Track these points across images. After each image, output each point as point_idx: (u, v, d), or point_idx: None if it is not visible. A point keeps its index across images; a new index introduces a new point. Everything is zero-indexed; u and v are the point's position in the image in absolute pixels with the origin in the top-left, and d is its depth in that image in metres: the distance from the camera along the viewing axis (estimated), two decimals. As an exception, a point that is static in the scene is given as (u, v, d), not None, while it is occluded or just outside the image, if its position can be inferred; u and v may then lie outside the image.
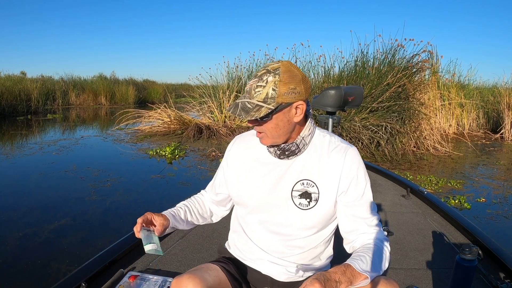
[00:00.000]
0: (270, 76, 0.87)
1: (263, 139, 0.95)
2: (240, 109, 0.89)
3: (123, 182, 4.30)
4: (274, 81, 0.87)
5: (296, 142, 0.97)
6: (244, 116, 0.88)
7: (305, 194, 0.97)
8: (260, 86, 0.88)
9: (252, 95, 0.89)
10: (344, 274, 0.80)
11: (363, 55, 7.00)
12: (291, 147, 0.97)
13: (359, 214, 0.97)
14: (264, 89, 0.87)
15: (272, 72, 0.87)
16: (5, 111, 11.16)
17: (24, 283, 2.14)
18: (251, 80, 0.90)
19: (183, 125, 8.01)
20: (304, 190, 0.97)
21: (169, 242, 1.76)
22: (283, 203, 0.99)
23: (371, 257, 0.87)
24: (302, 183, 0.97)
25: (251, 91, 0.89)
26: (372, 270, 0.84)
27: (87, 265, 1.39)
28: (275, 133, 0.93)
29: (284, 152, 0.97)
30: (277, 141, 0.95)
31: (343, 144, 1.00)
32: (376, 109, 6.12)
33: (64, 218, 3.09)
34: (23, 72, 16.35)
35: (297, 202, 0.97)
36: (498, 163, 5.95)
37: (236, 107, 0.91)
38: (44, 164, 5.08)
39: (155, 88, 19.79)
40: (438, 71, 8.42)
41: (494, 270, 1.56)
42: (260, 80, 0.88)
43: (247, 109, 0.89)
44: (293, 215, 0.98)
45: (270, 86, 0.87)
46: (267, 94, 0.87)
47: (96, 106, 15.61)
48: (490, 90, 10.48)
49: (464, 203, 3.65)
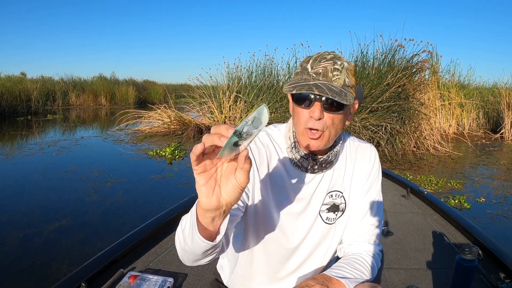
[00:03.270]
0: (344, 62, 0.75)
1: (319, 140, 0.77)
2: (328, 91, 0.70)
3: (123, 182, 4.30)
4: (348, 68, 0.75)
5: (335, 151, 0.84)
6: (338, 98, 0.70)
7: (333, 207, 0.87)
8: (337, 70, 0.73)
9: (330, 78, 0.73)
10: (314, 279, 0.75)
11: (363, 55, 7.02)
12: (330, 157, 0.83)
13: (357, 225, 0.90)
14: (341, 74, 0.74)
15: (340, 58, 0.75)
16: (5, 111, 11.16)
17: (24, 283, 2.14)
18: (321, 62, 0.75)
19: (183, 125, 8.01)
20: (332, 202, 0.87)
21: (169, 242, 1.76)
22: (312, 221, 0.87)
23: (352, 267, 0.82)
24: (330, 195, 0.87)
25: (327, 73, 0.73)
26: (349, 277, 0.78)
27: (87, 265, 1.39)
28: (334, 132, 0.78)
29: (322, 164, 0.83)
30: (328, 145, 0.80)
31: (362, 143, 0.91)
32: (376, 109, 6.12)
33: (64, 219, 3.09)
34: (23, 72, 16.35)
35: (325, 217, 0.87)
36: (498, 163, 5.95)
37: (319, 87, 0.71)
38: (44, 165, 5.08)
39: (155, 88, 19.80)
40: (438, 71, 8.43)
41: (494, 270, 1.56)
42: (336, 64, 0.74)
43: (337, 92, 0.71)
44: (320, 231, 0.88)
45: (344, 73, 0.74)
46: (344, 81, 0.74)
47: (96, 107, 15.60)
48: (490, 90, 10.49)
49: (464, 203, 3.65)
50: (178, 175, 4.73)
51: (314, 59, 0.76)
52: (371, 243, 0.90)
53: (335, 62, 0.74)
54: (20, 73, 16.11)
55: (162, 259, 1.61)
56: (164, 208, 1.99)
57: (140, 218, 3.10)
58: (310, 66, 0.75)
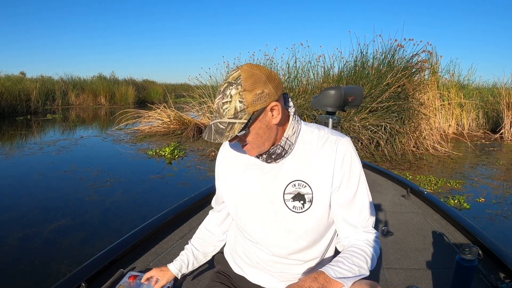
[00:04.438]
0: (232, 89, 0.81)
1: (249, 151, 0.90)
2: (214, 133, 0.83)
3: (123, 182, 4.29)
4: (237, 92, 0.81)
5: (281, 144, 0.90)
6: (219, 139, 0.82)
7: (298, 196, 0.91)
8: (226, 103, 0.82)
9: (222, 113, 0.83)
10: (315, 280, 0.78)
11: (362, 55, 7.01)
12: (276, 150, 0.91)
13: (349, 219, 0.91)
14: (231, 104, 0.81)
15: (234, 83, 0.81)
16: (5, 111, 11.15)
17: (24, 283, 2.14)
18: (217, 98, 0.85)
19: (183, 125, 8.01)
20: (297, 191, 0.91)
21: (169, 242, 1.76)
22: (277, 209, 0.93)
23: (350, 263, 0.84)
24: (293, 185, 0.91)
25: (219, 109, 0.84)
26: (348, 276, 0.80)
27: (87, 265, 1.39)
28: (259, 142, 0.87)
29: (271, 156, 0.92)
30: (264, 149, 0.89)
31: (333, 136, 0.92)
32: (376, 109, 6.12)
33: (63, 218, 3.09)
34: (23, 72, 16.34)
35: (291, 205, 0.91)
36: (497, 163, 5.96)
37: (210, 131, 0.84)
38: (43, 164, 5.08)
39: (154, 88, 19.80)
40: (437, 71, 8.43)
41: (494, 270, 1.56)
42: (225, 96, 0.82)
43: (221, 130, 0.83)
44: (289, 220, 0.92)
45: (235, 99, 0.81)
46: (235, 108, 0.81)
47: (96, 106, 15.60)
48: (490, 90, 10.49)
49: (464, 203, 3.65)
50: (178, 175, 4.73)
51: (217, 92, 0.85)
52: (367, 231, 0.92)
53: (224, 95, 0.82)
54: (20, 72, 16.12)
55: (162, 259, 1.61)
56: (163, 208, 1.98)
57: (140, 218, 3.10)
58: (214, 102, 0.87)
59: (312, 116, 6.23)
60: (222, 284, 1.05)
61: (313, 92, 6.96)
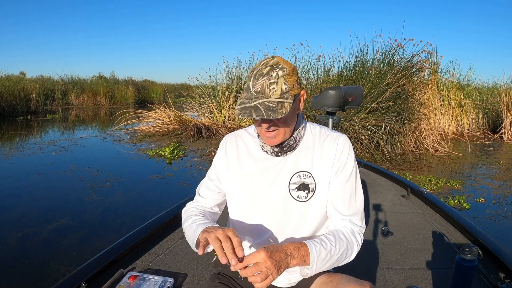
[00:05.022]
0: (279, 71, 0.85)
1: (276, 137, 0.92)
2: (264, 110, 0.84)
3: (123, 182, 4.29)
4: (283, 75, 0.85)
5: (294, 136, 0.97)
6: (274, 115, 0.83)
7: (302, 186, 0.96)
8: (273, 83, 0.85)
9: (268, 94, 0.85)
10: (298, 250, 0.80)
11: (362, 55, 7.01)
12: (289, 142, 0.96)
13: (336, 205, 0.96)
14: (277, 85, 0.85)
15: (276, 67, 0.86)
16: (5, 111, 11.14)
17: (24, 283, 2.13)
18: (258, 80, 0.86)
19: (183, 125, 8.01)
20: (301, 182, 0.96)
21: (169, 242, 1.76)
22: (282, 199, 0.97)
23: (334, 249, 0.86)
24: (298, 175, 0.97)
25: (264, 90, 0.85)
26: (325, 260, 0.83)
27: (87, 265, 1.39)
28: (288, 128, 0.92)
29: (283, 148, 0.96)
30: (286, 137, 0.94)
31: (334, 133, 1.01)
32: (376, 109, 6.12)
33: (63, 218, 3.09)
34: (23, 72, 16.33)
35: (295, 195, 0.96)
36: (497, 163, 5.96)
37: (257, 109, 0.84)
38: (43, 164, 5.08)
39: (154, 88, 19.78)
40: (437, 71, 8.42)
41: (494, 270, 1.56)
42: (271, 77, 0.85)
43: (272, 108, 0.84)
44: (293, 209, 0.96)
45: (281, 81, 0.85)
46: (281, 89, 0.85)
47: (96, 106, 15.59)
48: (490, 90, 10.49)
49: (464, 203, 3.65)
50: (178, 175, 4.73)
51: (254, 76, 0.86)
52: (352, 222, 0.95)
53: (270, 76, 0.85)
54: (20, 72, 16.11)
55: (162, 259, 1.61)
56: (163, 208, 1.99)
57: (140, 218, 3.10)
58: (251, 85, 0.87)
59: (312, 116, 6.23)
60: (222, 285, 1.04)
61: (313, 92, 6.96)
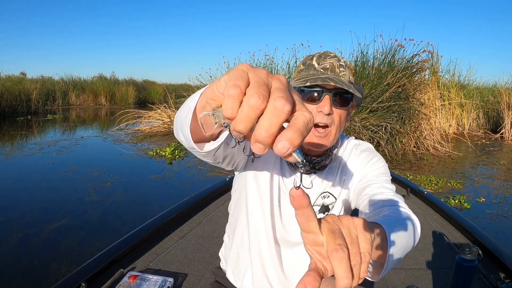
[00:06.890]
0: (347, 62, 0.77)
1: (327, 137, 0.76)
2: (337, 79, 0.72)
3: (123, 182, 4.29)
4: (349, 67, 0.78)
5: (331, 155, 0.83)
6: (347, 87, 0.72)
7: (323, 208, 0.86)
8: (342, 67, 0.76)
9: (338, 74, 0.75)
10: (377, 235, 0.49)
11: (363, 55, 7.01)
12: (325, 160, 0.81)
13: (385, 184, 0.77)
14: (346, 71, 0.76)
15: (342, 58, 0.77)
16: (5, 111, 11.15)
17: (24, 283, 2.13)
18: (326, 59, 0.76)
19: (183, 125, 8.00)
20: (322, 203, 0.86)
21: (169, 242, 1.76)
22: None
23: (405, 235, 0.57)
24: (322, 196, 0.85)
25: (334, 69, 0.75)
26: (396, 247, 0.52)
27: (87, 265, 1.39)
28: (339, 130, 0.78)
29: (315, 167, 0.81)
30: (334, 141, 0.79)
31: (360, 142, 0.91)
32: (376, 109, 6.12)
33: (63, 219, 3.09)
34: (23, 72, 16.32)
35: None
36: (498, 163, 5.95)
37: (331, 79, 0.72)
38: (44, 165, 5.08)
39: (155, 88, 19.79)
40: (438, 71, 8.43)
41: (494, 270, 1.56)
42: (340, 61, 0.76)
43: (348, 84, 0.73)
44: None
45: (348, 70, 0.77)
46: (349, 78, 0.76)
47: (96, 107, 15.60)
48: (490, 90, 10.48)
49: (464, 203, 3.64)
50: (178, 175, 4.73)
51: (319, 56, 0.77)
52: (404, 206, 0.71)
53: (339, 59, 0.77)
54: (20, 73, 16.10)
55: (162, 259, 1.61)
56: (163, 208, 1.99)
57: (140, 218, 3.10)
58: (316, 62, 0.76)
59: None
60: None
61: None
